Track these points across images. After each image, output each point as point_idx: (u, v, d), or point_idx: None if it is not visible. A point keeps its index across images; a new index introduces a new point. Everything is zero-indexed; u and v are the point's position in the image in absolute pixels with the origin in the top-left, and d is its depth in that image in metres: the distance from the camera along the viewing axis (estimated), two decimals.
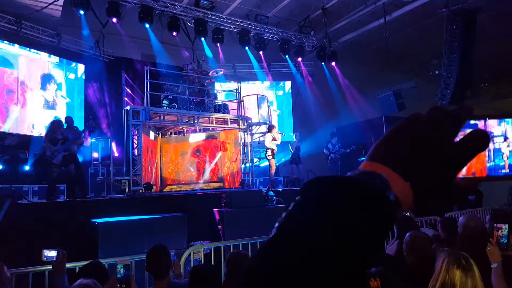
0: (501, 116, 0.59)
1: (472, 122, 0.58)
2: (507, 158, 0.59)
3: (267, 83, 15.06)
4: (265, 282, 0.38)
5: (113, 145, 9.13)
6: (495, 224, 3.13)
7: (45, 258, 2.93)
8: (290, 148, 11.32)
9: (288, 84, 15.32)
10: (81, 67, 11.90)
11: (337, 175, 0.45)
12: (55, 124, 7.38)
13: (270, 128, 10.25)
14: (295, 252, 0.39)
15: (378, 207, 0.41)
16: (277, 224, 0.43)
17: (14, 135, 10.17)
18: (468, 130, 0.49)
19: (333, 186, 0.43)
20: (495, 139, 0.58)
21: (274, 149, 10.08)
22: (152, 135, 10.17)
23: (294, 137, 11.58)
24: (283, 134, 10.46)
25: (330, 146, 11.18)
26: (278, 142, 10.05)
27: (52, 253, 2.91)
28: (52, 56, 11.21)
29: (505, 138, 0.59)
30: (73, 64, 11.71)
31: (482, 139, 0.47)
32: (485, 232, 3.66)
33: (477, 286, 2.17)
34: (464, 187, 0.55)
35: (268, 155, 10.07)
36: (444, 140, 0.47)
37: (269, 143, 10.01)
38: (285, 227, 0.42)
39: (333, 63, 13.44)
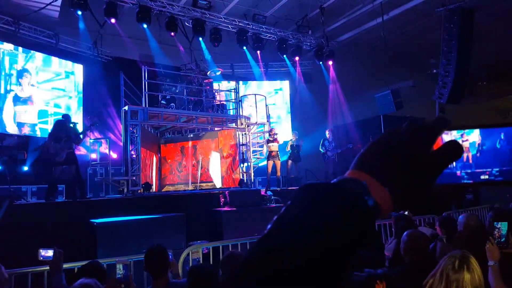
0: (475, 126, 0.63)
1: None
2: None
3: (265, 83, 15.04)
4: (254, 277, 0.42)
5: (111, 151, 9.11)
6: (494, 223, 3.15)
7: (41, 258, 2.94)
8: (288, 147, 11.32)
9: (286, 84, 15.32)
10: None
11: (323, 182, 0.49)
12: (60, 124, 7.42)
13: (270, 130, 10.45)
14: (280, 251, 0.43)
15: (358, 211, 0.46)
16: (269, 226, 0.47)
17: (13, 136, 10.15)
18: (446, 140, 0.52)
19: (318, 192, 0.48)
20: (453, 132, 0.62)
21: (270, 151, 10.26)
22: (150, 135, 10.17)
23: (293, 136, 11.56)
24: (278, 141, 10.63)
25: (327, 144, 11.14)
26: (277, 142, 10.26)
27: (48, 253, 2.92)
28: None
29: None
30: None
31: (456, 149, 0.52)
32: (484, 230, 3.67)
33: (460, 286, 2.17)
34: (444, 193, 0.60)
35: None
36: (420, 150, 0.51)
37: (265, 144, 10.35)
38: (274, 229, 0.47)
39: (331, 62, 13.46)
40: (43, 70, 11.13)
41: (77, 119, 10.50)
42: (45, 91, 11.12)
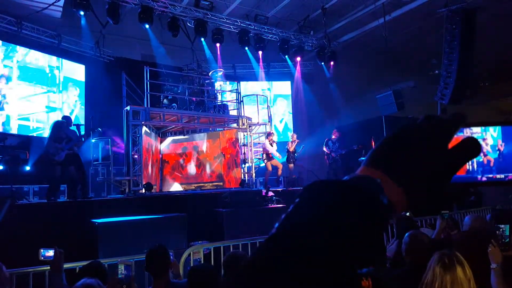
0: (485, 123, 0.61)
1: None
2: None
3: (266, 83, 15.02)
4: (261, 277, 0.40)
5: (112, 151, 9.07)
6: (496, 224, 3.13)
7: (42, 258, 2.94)
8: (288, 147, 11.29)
9: (287, 84, 15.31)
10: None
11: (334, 179, 0.47)
12: (59, 125, 7.41)
13: (267, 135, 10.41)
14: (291, 251, 0.41)
15: (372, 210, 0.44)
16: (276, 224, 0.45)
17: (15, 136, 10.17)
18: (461, 136, 0.50)
19: (330, 190, 0.46)
20: (474, 136, 0.60)
21: (273, 153, 10.24)
22: (152, 135, 10.18)
23: (290, 137, 11.51)
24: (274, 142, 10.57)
25: (331, 144, 11.08)
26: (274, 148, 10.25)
27: (49, 253, 2.93)
28: None
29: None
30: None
31: (474, 146, 0.49)
32: (486, 232, 3.65)
33: (455, 282, 2.18)
34: (459, 191, 0.57)
35: (264, 158, 10.36)
36: (437, 147, 0.49)
37: (268, 146, 10.28)
38: (283, 227, 0.44)
39: (332, 63, 13.45)
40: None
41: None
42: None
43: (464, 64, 9.73)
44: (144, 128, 9.02)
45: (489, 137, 0.62)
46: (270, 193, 8.15)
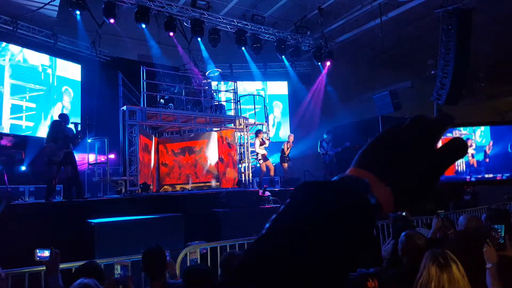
0: (474, 124, 0.61)
1: None
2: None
3: (261, 83, 15.01)
4: (253, 279, 0.41)
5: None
6: (491, 225, 3.14)
7: (38, 258, 2.93)
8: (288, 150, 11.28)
9: (284, 84, 15.31)
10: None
11: (323, 180, 0.48)
12: (56, 124, 7.36)
13: (257, 133, 10.33)
14: (280, 251, 0.42)
15: (360, 210, 0.45)
16: (267, 225, 0.46)
17: (10, 135, 10.12)
18: (449, 136, 0.51)
19: (318, 190, 0.47)
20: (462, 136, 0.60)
21: (263, 153, 10.18)
22: (148, 135, 10.16)
23: (287, 138, 11.50)
24: (269, 140, 10.55)
25: (325, 145, 11.11)
26: (266, 145, 10.18)
27: (45, 253, 2.92)
28: None
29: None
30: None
31: (461, 147, 0.50)
32: (482, 232, 3.67)
33: (452, 280, 2.20)
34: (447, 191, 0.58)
35: (259, 159, 10.30)
36: (424, 147, 0.49)
37: (258, 148, 10.15)
38: (273, 227, 0.45)
39: (329, 63, 13.48)
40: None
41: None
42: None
43: (460, 65, 9.76)
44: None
45: (478, 138, 0.63)
46: (267, 193, 8.16)
